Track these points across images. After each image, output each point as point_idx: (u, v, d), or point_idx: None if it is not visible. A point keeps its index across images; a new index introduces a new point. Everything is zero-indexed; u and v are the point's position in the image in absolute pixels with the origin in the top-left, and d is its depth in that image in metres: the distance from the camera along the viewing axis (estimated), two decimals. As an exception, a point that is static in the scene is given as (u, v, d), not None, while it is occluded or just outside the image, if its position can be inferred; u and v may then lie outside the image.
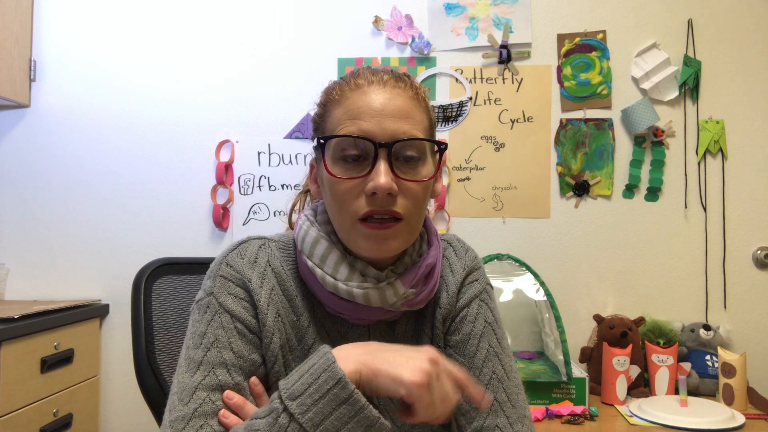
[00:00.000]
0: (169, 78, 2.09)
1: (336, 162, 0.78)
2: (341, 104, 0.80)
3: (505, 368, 0.85)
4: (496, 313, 0.90)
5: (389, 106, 0.78)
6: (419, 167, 0.79)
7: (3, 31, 1.96)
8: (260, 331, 0.80)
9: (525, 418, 0.83)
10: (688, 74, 1.94)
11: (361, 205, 0.77)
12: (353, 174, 0.77)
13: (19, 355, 1.64)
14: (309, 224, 0.85)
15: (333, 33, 2.06)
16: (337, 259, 0.81)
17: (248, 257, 0.84)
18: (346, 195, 0.77)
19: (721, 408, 1.59)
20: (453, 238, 0.95)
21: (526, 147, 2.01)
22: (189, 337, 0.79)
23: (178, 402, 0.73)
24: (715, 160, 1.96)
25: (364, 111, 0.77)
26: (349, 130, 0.77)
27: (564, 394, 1.63)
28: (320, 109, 0.85)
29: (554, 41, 2.01)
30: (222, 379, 0.75)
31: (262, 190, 2.07)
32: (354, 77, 0.81)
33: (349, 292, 0.79)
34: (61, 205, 2.09)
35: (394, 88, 0.80)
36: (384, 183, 0.74)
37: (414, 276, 0.82)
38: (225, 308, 0.79)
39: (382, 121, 0.77)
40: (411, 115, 0.79)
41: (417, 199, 0.79)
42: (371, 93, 0.79)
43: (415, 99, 0.81)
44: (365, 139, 0.76)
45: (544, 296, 1.76)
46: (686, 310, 1.94)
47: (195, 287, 1.27)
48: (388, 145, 0.76)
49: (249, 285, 0.81)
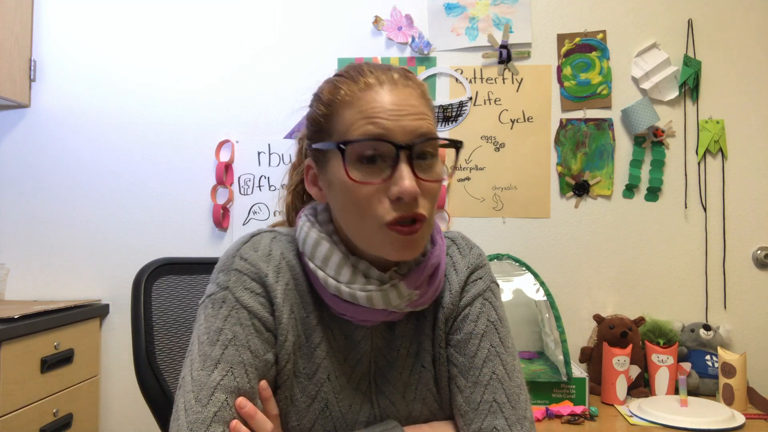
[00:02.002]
0: (169, 78, 2.09)
1: (353, 165, 0.75)
2: (352, 105, 0.77)
3: (506, 368, 0.83)
4: (501, 312, 0.88)
5: (405, 105, 0.76)
6: (434, 165, 0.78)
7: (3, 31, 1.96)
8: (276, 329, 0.79)
9: (525, 420, 0.81)
10: (688, 74, 1.94)
11: (387, 210, 0.74)
12: (374, 178, 0.74)
13: (19, 355, 1.64)
14: (309, 225, 0.83)
15: (333, 33, 2.06)
16: (339, 261, 0.79)
17: (262, 250, 0.81)
18: (368, 200, 0.75)
19: (721, 408, 1.59)
20: (458, 236, 0.93)
21: (526, 147, 2.01)
22: (203, 332, 0.77)
23: (196, 402, 0.72)
24: (715, 160, 1.96)
25: (380, 111, 0.75)
26: (367, 130, 0.74)
27: (564, 394, 1.63)
28: (324, 109, 0.80)
29: (554, 41, 2.01)
30: (239, 381, 0.74)
31: (262, 190, 2.07)
32: (361, 75, 0.78)
33: (352, 295, 0.78)
34: (61, 205, 2.09)
35: (405, 87, 0.78)
36: (411, 188, 0.72)
37: (418, 277, 0.80)
38: (242, 304, 0.77)
39: (400, 119, 0.75)
40: (424, 113, 0.78)
41: (434, 198, 0.78)
42: (385, 93, 0.76)
43: (423, 97, 0.80)
44: (387, 141, 0.74)
45: (544, 296, 1.76)
46: (686, 310, 1.94)
47: (195, 287, 1.27)
48: (408, 147, 0.74)
49: (265, 280, 0.79)
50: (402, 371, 0.86)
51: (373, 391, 0.85)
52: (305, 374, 0.81)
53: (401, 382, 0.86)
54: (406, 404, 0.86)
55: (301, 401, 0.81)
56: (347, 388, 0.83)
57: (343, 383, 0.83)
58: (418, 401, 0.86)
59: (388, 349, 0.86)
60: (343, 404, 0.82)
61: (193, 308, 1.24)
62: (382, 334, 0.86)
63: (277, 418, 0.79)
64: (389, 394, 0.85)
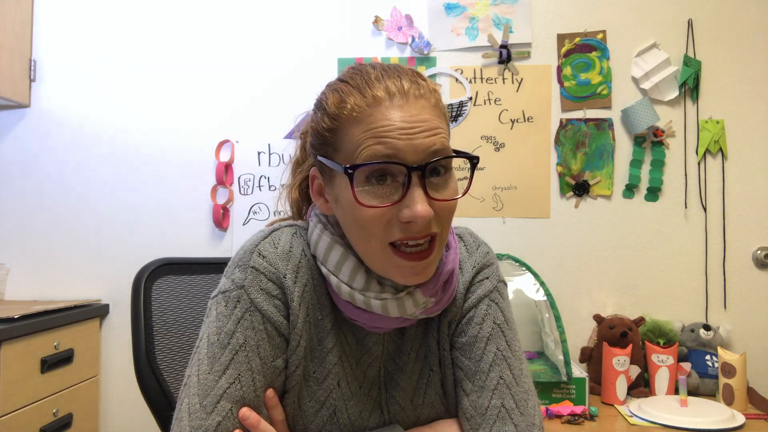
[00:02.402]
0: (170, 77, 2.09)
1: (361, 186, 0.70)
2: (360, 122, 0.71)
3: (513, 373, 0.80)
4: (508, 314, 0.85)
5: (416, 121, 0.70)
6: (449, 181, 0.73)
7: (3, 31, 1.95)
8: (289, 334, 0.77)
9: (534, 426, 0.78)
10: (688, 74, 1.94)
11: (394, 232, 0.71)
12: (384, 201, 0.70)
13: (19, 355, 1.64)
14: (321, 227, 0.80)
15: (333, 33, 2.06)
16: (353, 267, 0.76)
17: (282, 247, 0.78)
18: (375, 222, 0.70)
19: (721, 408, 1.59)
20: (465, 232, 0.90)
21: (526, 147, 2.01)
22: (214, 331, 0.74)
23: (200, 408, 0.71)
24: (715, 160, 1.96)
25: (390, 129, 0.69)
26: (375, 150, 0.69)
27: (564, 394, 1.63)
28: (330, 122, 0.74)
29: (554, 41, 2.01)
30: (246, 390, 0.72)
31: (262, 190, 2.07)
32: (369, 87, 0.72)
33: (366, 303, 0.75)
34: (61, 205, 2.09)
35: (417, 99, 0.72)
36: (424, 212, 0.68)
37: (435, 284, 0.77)
38: (256, 306, 0.75)
39: (411, 138, 0.69)
40: (438, 126, 0.72)
41: (450, 214, 0.74)
42: (394, 109, 0.70)
43: (437, 107, 0.74)
44: (398, 163, 0.69)
45: (544, 296, 1.76)
46: (686, 310, 1.94)
47: (195, 287, 1.27)
48: (421, 167, 0.69)
49: (284, 281, 0.76)
50: (411, 375, 0.85)
51: (383, 397, 0.84)
52: (315, 379, 0.79)
53: (411, 386, 0.84)
54: (414, 408, 0.84)
55: (309, 406, 0.79)
56: (358, 395, 0.82)
57: (354, 389, 0.81)
58: (426, 405, 0.85)
59: (398, 353, 0.85)
60: (352, 411, 0.81)
61: (193, 308, 1.24)
62: (393, 339, 0.84)
63: (283, 423, 0.78)
64: (399, 398, 0.84)
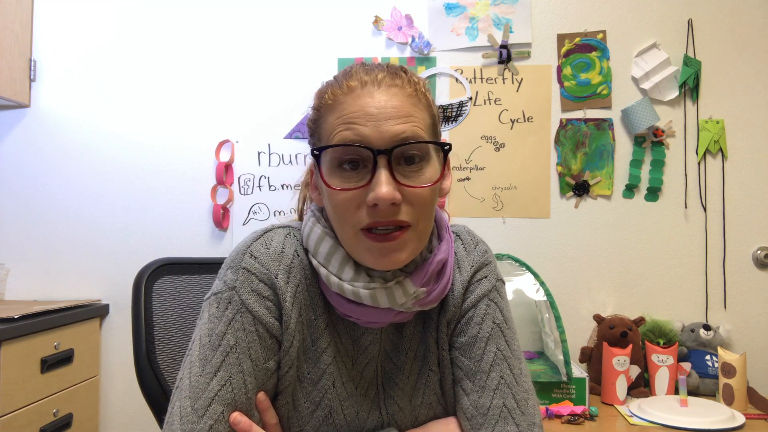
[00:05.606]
0: (170, 77, 2.09)
1: (333, 171, 0.74)
2: (335, 109, 0.75)
3: (513, 372, 0.80)
4: (507, 313, 0.84)
5: (386, 107, 0.72)
6: (424, 169, 0.74)
7: (3, 31, 1.95)
8: (281, 335, 0.77)
9: (535, 426, 0.78)
10: (688, 74, 1.94)
11: (363, 217, 0.72)
12: (352, 184, 0.72)
13: (19, 355, 1.63)
14: (314, 220, 0.81)
15: (333, 33, 2.06)
16: (342, 258, 0.77)
17: (274, 248, 0.78)
18: (346, 206, 0.73)
19: (721, 408, 1.59)
20: (463, 230, 0.89)
21: (526, 147, 2.01)
22: (205, 333, 0.75)
23: (192, 411, 0.71)
24: (715, 160, 1.96)
25: (359, 116, 0.72)
26: (345, 136, 0.72)
27: (564, 394, 1.63)
28: (314, 113, 0.79)
29: (554, 41, 2.01)
30: (237, 392, 0.72)
31: (262, 190, 2.07)
32: (346, 79, 0.76)
33: (355, 293, 0.75)
34: (61, 205, 2.09)
35: (390, 87, 0.74)
36: (386, 194, 0.69)
37: (424, 274, 0.78)
38: (248, 308, 0.75)
39: (379, 125, 0.71)
40: (410, 114, 0.73)
41: (424, 204, 0.74)
42: (365, 96, 0.73)
43: (414, 96, 0.75)
44: (362, 147, 0.71)
45: (544, 296, 1.76)
46: (686, 310, 1.94)
47: (195, 287, 1.27)
48: (387, 152, 0.71)
49: (275, 282, 0.76)
50: (410, 375, 0.84)
51: (381, 397, 0.83)
52: (309, 379, 0.79)
53: (409, 386, 0.84)
54: (413, 409, 0.84)
55: (304, 407, 0.79)
56: (354, 395, 0.81)
57: (350, 390, 0.81)
58: (425, 405, 0.84)
59: (395, 352, 0.84)
60: (348, 412, 0.80)
61: (193, 308, 1.24)
62: (390, 337, 0.84)
63: (277, 426, 0.78)
64: (398, 399, 0.83)
